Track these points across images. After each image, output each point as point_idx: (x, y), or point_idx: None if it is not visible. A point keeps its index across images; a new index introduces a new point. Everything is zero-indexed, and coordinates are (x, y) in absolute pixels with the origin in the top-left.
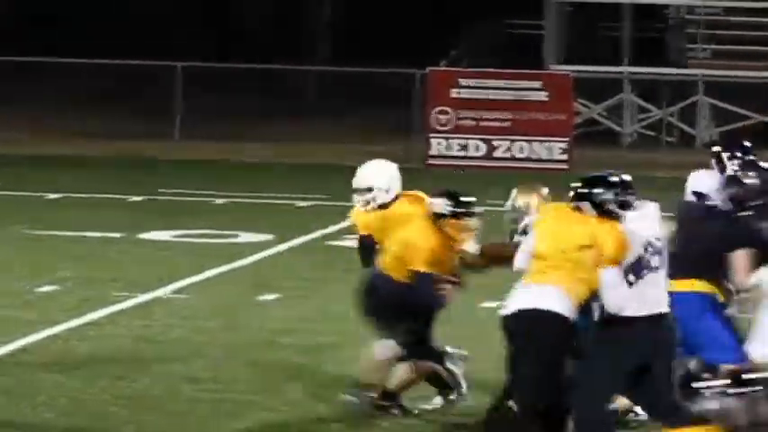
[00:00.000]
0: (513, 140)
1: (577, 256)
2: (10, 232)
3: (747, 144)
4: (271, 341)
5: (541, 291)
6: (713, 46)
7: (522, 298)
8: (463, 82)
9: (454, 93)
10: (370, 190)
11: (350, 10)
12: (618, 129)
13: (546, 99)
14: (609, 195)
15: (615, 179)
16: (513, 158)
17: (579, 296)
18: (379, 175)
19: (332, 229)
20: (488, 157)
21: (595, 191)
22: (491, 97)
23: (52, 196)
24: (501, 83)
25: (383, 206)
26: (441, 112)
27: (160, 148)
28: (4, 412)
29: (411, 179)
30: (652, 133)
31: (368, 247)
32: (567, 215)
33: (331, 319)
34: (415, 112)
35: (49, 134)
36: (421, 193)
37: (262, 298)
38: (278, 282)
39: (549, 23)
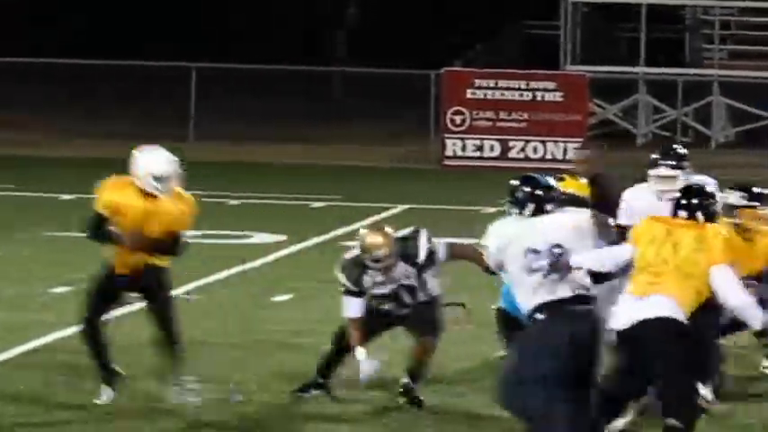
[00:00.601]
0: (527, 141)
1: (689, 261)
2: (26, 233)
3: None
4: (284, 342)
5: (655, 301)
6: (729, 46)
7: (638, 309)
8: (478, 82)
9: (469, 93)
10: (170, 179)
11: (365, 11)
12: (633, 129)
13: (561, 99)
14: (717, 207)
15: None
16: (528, 159)
17: (689, 306)
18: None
19: (345, 229)
20: (503, 157)
21: (703, 201)
22: (506, 98)
23: (67, 197)
24: (516, 83)
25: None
26: (456, 113)
27: (174, 150)
28: (19, 415)
29: (427, 180)
30: (667, 134)
31: (103, 227)
32: (673, 223)
33: (344, 320)
34: (430, 113)
35: (64, 136)
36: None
37: (275, 299)
38: (291, 282)
39: (564, 24)
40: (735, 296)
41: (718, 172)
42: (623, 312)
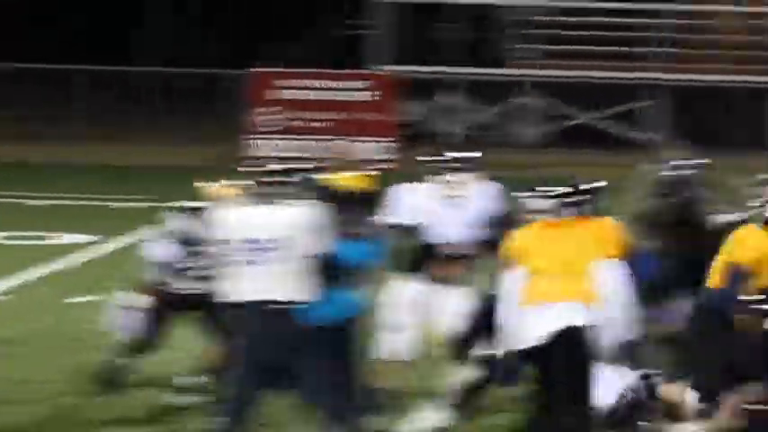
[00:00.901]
0: (336, 141)
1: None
2: None
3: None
4: (92, 342)
5: (563, 308)
6: (541, 46)
7: (547, 320)
8: (285, 83)
9: (276, 94)
10: None
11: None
12: (445, 129)
13: (370, 99)
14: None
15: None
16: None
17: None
18: None
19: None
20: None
21: (588, 198)
22: (313, 98)
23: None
24: (324, 83)
25: None
26: (262, 114)
27: None
28: None
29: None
30: (479, 134)
31: None
32: (564, 225)
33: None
34: (235, 114)
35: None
36: None
37: (84, 299)
38: (100, 283)
39: (375, 23)
40: (618, 293)
41: (530, 172)
42: (534, 325)
